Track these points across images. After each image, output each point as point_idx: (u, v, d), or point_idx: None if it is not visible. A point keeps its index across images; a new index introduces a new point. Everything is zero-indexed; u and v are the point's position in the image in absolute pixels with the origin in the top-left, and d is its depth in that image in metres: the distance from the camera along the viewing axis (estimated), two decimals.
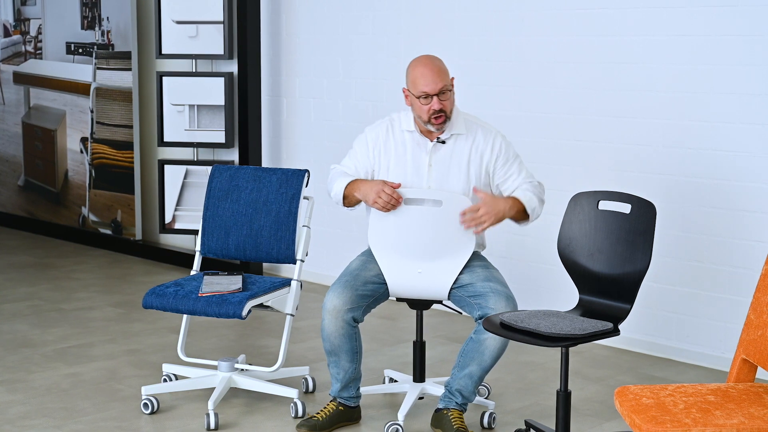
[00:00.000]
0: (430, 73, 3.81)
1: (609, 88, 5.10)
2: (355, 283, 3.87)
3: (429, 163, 3.91)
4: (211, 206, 4.44)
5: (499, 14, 5.49)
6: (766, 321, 2.97)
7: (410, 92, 3.87)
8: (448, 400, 3.91)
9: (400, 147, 3.94)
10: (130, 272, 6.77)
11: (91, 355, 4.95)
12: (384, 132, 3.97)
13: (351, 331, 3.86)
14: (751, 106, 4.64)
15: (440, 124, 3.85)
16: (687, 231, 4.89)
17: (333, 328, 3.83)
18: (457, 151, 3.91)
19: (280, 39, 6.56)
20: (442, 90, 3.81)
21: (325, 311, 3.84)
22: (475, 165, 3.91)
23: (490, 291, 3.79)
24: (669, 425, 2.77)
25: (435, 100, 3.80)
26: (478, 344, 3.79)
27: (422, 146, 3.92)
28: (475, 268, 3.90)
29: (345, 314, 3.82)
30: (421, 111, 3.84)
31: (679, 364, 4.90)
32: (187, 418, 4.13)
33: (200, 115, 6.71)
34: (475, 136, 3.93)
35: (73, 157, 7.63)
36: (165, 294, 4.10)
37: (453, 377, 3.90)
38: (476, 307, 3.80)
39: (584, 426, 4.08)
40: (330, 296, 3.85)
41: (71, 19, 7.52)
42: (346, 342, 3.86)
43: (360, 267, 3.94)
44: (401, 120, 3.98)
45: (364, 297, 3.87)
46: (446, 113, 3.84)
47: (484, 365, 3.82)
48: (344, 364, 3.92)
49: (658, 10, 4.89)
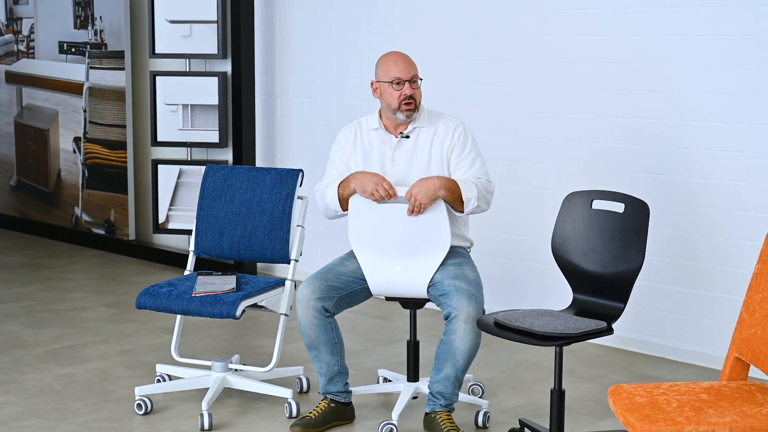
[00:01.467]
0: (402, 60, 3.97)
1: (603, 88, 5.10)
2: (326, 275, 3.94)
3: (392, 158, 3.99)
4: (205, 206, 4.44)
5: (493, 13, 5.50)
6: (758, 319, 2.97)
7: (380, 81, 3.97)
8: (433, 404, 3.91)
9: (367, 145, 4.04)
10: (123, 272, 6.76)
11: (84, 356, 4.94)
12: (353, 133, 4.08)
13: (324, 322, 3.89)
14: (744, 105, 4.65)
15: (410, 111, 3.94)
16: (680, 230, 4.90)
17: (305, 318, 3.88)
18: (419, 144, 3.99)
19: (274, 38, 6.56)
20: (413, 78, 3.94)
21: (297, 302, 3.92)
22: (437, 156, 3.97)
23: (453, 289, 3.80)
24: (662, 424, 2.78)
25: (407, 86, 3.92)
26: (448, 345, 3.80)
27: (387, 142, 4.02)
28: (448, 266, 3.91)
29: (314, 303, 3.86)
30: (392, 98, 3.94)
31: (672, 362, 4.91)
32: (181, 419, 4.13)
33: (194, 114, 6.70)
34: (437, 127, 4.01)
35: (66, 157, 7.62)
36: (158, 294, 4.10)
37: (432, 381, 3.90)
38: (444, 306, 3.83)
39: (578, 425, 4.08)
40: (301, 287, 3.92)
41: (64, 18, 7.50)
42: (321, 333, 3.90)
43: (336, 263, 4.03)
44: (367, 121, 4.09)
45: (334, 288, 3.91)
46: (416, 102, 3.95)
47: (458, 365, 3.82)
48: (325, 357, 3.94)
49: (652, 10, 4.89)
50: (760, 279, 3.02)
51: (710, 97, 4.75)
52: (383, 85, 3.96)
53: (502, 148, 5.49)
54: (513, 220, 5.45)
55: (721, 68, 4.70)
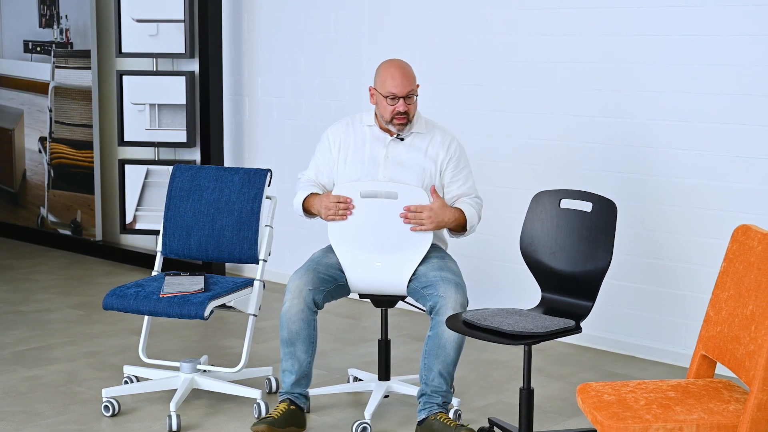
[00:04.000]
0: (400, 75, 3.94)
1: (571, 88, 5.12)
2: (317, 266, 3.92)
3: (386, 156, 4.00)
4: (173, 206, 4.41)
5: (461, 13, 5.50)
6: (724, 317, 2.99)
7: (377, 91, 3.97)
8: (430, 407, 3.82)
9: (360, 140, 4.04)
10: (90, 273, 6.72)
11: (50, 358, 4.90)
12: (344, 128, 4.08)
13: (310, 316, 3.85)
14: (710, 105, 4.69)
15: (401, 125, 3.97)
16: (647, 229, 4.93)
17: (294, 310, 3.83)
18: (414, 147, 4.01)
19: (242, 38, 6.53)
20: (409, 94, 3.94)
21: (288, 292, 3.86)
22: (431, 164, 3.99)
23: (440, 279, 3.81)
24: (630, 421, 2.79)
25: (401, 102, 3.93)
26: (438, 339, 3.78)
27: (381, 140, 4.02)
28: (431, 259, 3.92)
29: (307, 294, 3.83)
30: (385, 111, 3.96)
31: (640, 360, 4.94)
32: (149, 420, 4.10)
33: (161, 114, 6.67)
34: (433, 136, 4.04)
35: (32, 157, 7.56)
36: (126, 295, 4.07)
37: (425, 381, 3.84)
38: (428, 297, 3.82)
39: (547, 423, 4.10)
40: (293, 278, 3.89)
41: (29, 16, 7.44)
42: (304, 328, 3.85)
43: (321, 255, 4.01)
44: (362, 117, 4.10)
45: (325, 281, 3.90)
46: (409, 116, 3.97)
47: (449, 359, 3.79)
48: (300, 355, 3.88)
49: (619, 10, 4.92)
50: (726, 277, 3.05)
51: (676, 96, 4.78)
52: (379, 96, 3.97)
53: (470, 148, 5.46)
54: (482, 219, 5.45)
55: (687, 68, 4.74)
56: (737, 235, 3.05)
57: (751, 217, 4.54)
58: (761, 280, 2.84)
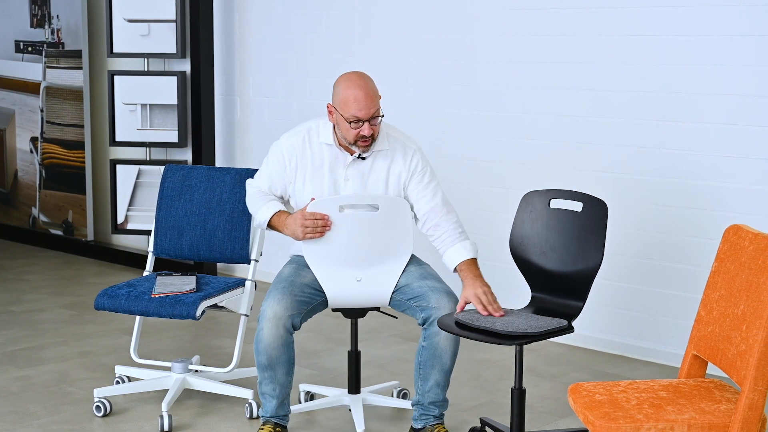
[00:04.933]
0: (364, 97, 3.61)
1: (561, 87, 5.13)
2: (292, 289, 3.66)
3: (346, 177, 3.76)
4: (164, 206, 4.41)
5: (453, 13, 5.51)
6: (715, 317, 3.00)
7: (337, 111, 3.67)
8: (425, 418, 3.77)
9: (318, 159, 3.76)
10: (81, 273, 6.70)
11: (41, 358, 4.89)
12: (300, 143, 3.78)
13: (289, 340, 3.64)
14: (701, 105, 4.70)
15: (366, 147, 3.70)
16: (639, 229, 4.94)
17: (272, 337, 3.60)
18: (376, 167, 3.77)
19: (234, 37, 6.53)
20: (374, 115, 3.64)
21: (265, 319, 3.60)
22: (394, 183, 3.78)
23: (429, 289, 3.67)
24: (622, 421, 2.80)
25: (366, 126, 3.63)
26: (434, 350, 3.68)
27: (340, 160, 3.76)
28: (409, 267, 3.78)
29: (286, 320, 3.60)
30: (348, 134, 3.67)
31: (631, 360, 4.95)
32: (141, 421, 4.10)
33: (153, 114, 6.66)
34: (395, 154, 3.78)
35: (23, 157, 7.54)
36: (117, 295, 4.07)
37: (420, 393, 3.76)
38: (418, 309, 3.68)
39: (539, 423, 4.10)
40: (269, 303, 3.62)
41: (20, 16, 7.42)
42: (283, 353, 3.64)
43: (293, 274, 3.74)
44: (319, 131, 3.79)
45: (302, 303, 3.67)
46: (374, 136, 3.69)
47: (446, 368, 3.72)
48: (280, 378, 3.68)
49: (609, 10, 4.93)
50: (717, 277, 3.05)
51: (668, 97, 4.79)
52: (340, 118, 3.65)
53: (460, 148, 5.50)
54: (472, 219, 5.46)
55: (679, 69, 4.75)
56: (728, 235, 3.06)
57: (742, 217, 4.55)
58: (752, 280, 2.85)
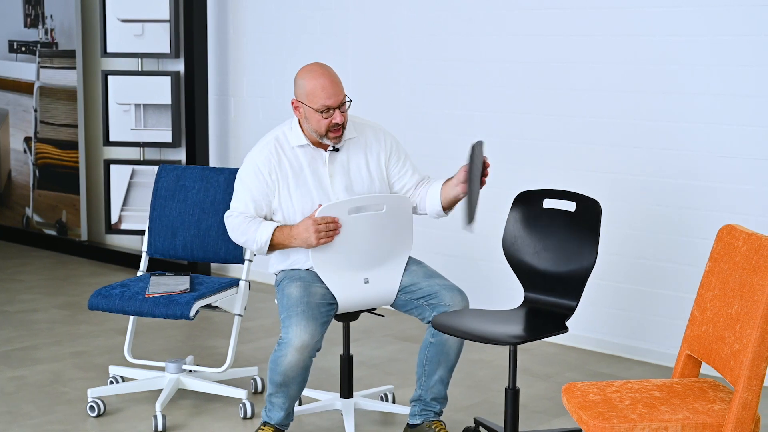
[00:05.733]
0: (331, 85, 3.61)
1: (555, 87, 5.13)
2: (313, 312, 3.57)
3: (330, 174, 3.72)
4: (158, 206, 4.40)
5: (447, 13, 5.51)
6: (709, 317, 3.01)
7: (304, 104, 3.65)
8: (426, 413, 3.77)
9: (296, 165, 3.71)
10: (75, 273, 6.70)
11: (35, 358, 4.89)
12: (274, 153, 3.70)
13: (310, 363, 3.60)
14: (695, 105, 4.70)
15: (338, 138, 3.67)
16: (633, 229, 4.94)
17: (298, 363, 3.54)
18: (353, 155, 3.76)
19: (228, 38, 6.53)
20: (343, 101, 3.64)
21: (291, 347, 3.51)
22: (375, 167, 3.79)
23: (441, 288, 3.68)
24: (615, 421, 2.80)
25: (337, 113, 3.62)
26: (441, 346, 3.68)
27: (318, 159, 3.73)
28: (410, 266, 3.79)
29: (312, 349, 3.54)
30: (319, 125, 3.64)
31: (625, 360, 4.95)
32: (135, 421, 4.09)
33: (146, 114, 6.65)
34: (366, 138, 3.79)
35: (17, 157, 7.53)
36: (111, 295, 4.06)
37: (423, 388, 3.76)
38: (428, 308, 3.68)
39: (533, 423, 4.11)
40: (295, 331, 3.51)
41: (14, 16, 7.41)
42: (301, 373, 3.59)
43: (305, 293, 3.62)
44: (287, 137, 3.74)
45: (325, 324, 3.62)
46: (344, 125, 3.67)
47: (451, 364, 3.74)
48: (293, 393, 3.64)
49: (604, 11, 4.93)
50: (711, 277, 3.06)
51: (661, 97, 4.80)
52: (309, 110, 3.63)
53: (454, 147, 5.50)
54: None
55: (672, 68, 4.75)
56: (722, 235, 3.07)
57: (735, 217, 4.56)
58: (746, 279, 2.85)
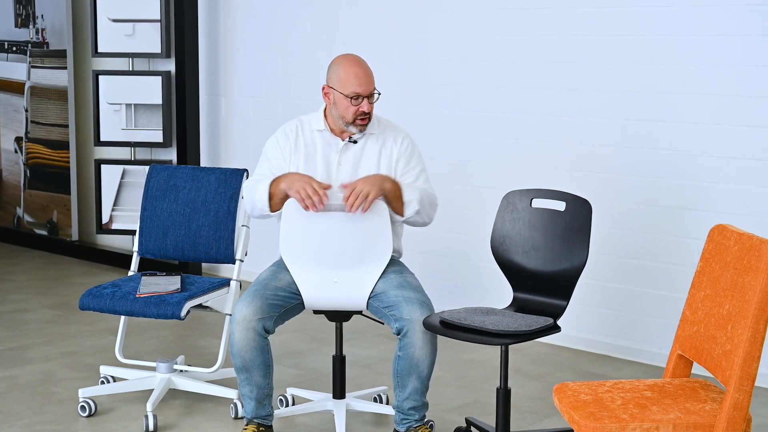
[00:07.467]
0: (363, 74, 3.76)
1: (546, 87, 5.14)
2: (264, 291, 3.66)
3: (338, 162, 3.81)
4: (149, 206, 4.40)
5: (437, 13, 5.51)
6: (700, 317, 3.01)
7: (335, 90, 3.78)
8: (407, 422, 3.75)
9: (310, 146, 3.85)
10: (66, 273, 6.68)
11: (26, 358, 4.87)
12: (294, 132, 3.87)
13: (262, 343, 3.63)
14: (686, 105, 4.71)
15: (364, 126, 3.79)
16: (624, 228, 4.95)
17: (244, 340, 3.60)
18: (367, 150, 3.83)
19: (218, 37, 6.52)
20: (372, 93, 3.77)
21: (235, 323, 3.61)
22: (385, 166, 3.82)
23: (403, 300, 3.63)
24: (607, 421, 2.80)
25: (365, 102, 3.74)
26: (409, 360, 3.64)
27: (332, 145, 3.84)
28: (389, 274, 3.75)
29: (256, 324, 3.59)
30: (347, 111, 3.76)
31: (616, 360, 4.96)
32: (126, 420, 4.08)
33: (137, 114, 6.64)
34: (386, 138, 3.86)
35: (8, 157, 7.51)
36: (102, 295, 4.05)
37: (400, 400, 3.74)
38: (392, 319, 3.65)
39: (524, 423, 4.11)
40: (239, 306, 3.63)
41: (4, 16, 7.39)
42: (258, 355, 3.63)
43: (270, 277, 3.75)
44: (310, 121, 3.90)
45: (274, 306, 3.65)
46: (370, 116, 3.79)
47: (423, 375, 3.68)
48: (257, 380, 3.67)
49: (595, 10, 4.94)
50: (702, 277, 3.06)
51: (653, 96, 4.81)
52: (338, 96, 3.75)
53: (444, 147, 5.50)
54: (454, 218, 5.47)
55: (664, 68, 4.76)
56: (713, 235, 3.07)
57: (727, 217, 4.57)
58: (737, 279, 2.86)
